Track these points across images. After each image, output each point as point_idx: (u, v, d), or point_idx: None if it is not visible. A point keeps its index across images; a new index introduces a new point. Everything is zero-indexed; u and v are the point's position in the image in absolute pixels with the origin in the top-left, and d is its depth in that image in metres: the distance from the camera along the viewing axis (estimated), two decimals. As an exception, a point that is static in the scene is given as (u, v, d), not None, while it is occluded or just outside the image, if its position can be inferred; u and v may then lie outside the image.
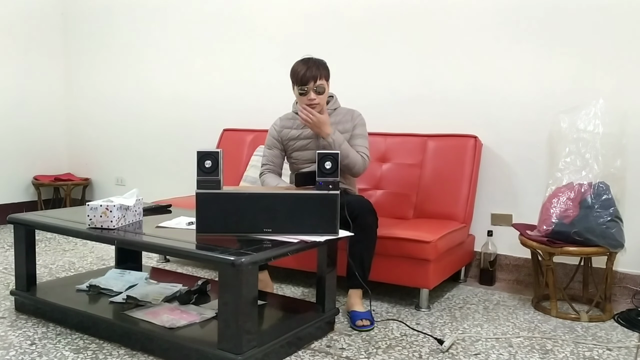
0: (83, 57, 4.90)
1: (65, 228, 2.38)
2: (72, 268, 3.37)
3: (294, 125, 2.73)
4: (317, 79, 2.55)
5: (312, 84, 2.56)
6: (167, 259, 3.61)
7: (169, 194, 4.04)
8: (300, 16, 3.80)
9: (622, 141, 2.71)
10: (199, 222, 2.16)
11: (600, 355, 2.23)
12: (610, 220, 2.57)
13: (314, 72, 2.55)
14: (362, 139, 2.70)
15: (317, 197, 2.16)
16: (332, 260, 2.36)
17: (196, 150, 2.14)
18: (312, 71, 2.55)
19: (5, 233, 4.26)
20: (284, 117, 2.78)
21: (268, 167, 2.76)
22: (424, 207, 3.16)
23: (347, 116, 2.72)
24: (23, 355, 2.09)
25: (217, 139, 4.03)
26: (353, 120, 2.71)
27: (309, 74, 2.54)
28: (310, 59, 2.61)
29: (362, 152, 2.66)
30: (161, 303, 2.39)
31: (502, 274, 3.24)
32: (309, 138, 2.68)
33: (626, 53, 2.87)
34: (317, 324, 2.30)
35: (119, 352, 2.14)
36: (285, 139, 2.73)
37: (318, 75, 2.56)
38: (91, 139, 4.95)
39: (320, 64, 2.60)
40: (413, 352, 2.21)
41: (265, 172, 2.75)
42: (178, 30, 4.34)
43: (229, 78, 4.14)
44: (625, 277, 2.93)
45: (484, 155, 3.22)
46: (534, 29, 3.07)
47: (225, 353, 1.91)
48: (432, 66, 3.36)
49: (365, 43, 3.57)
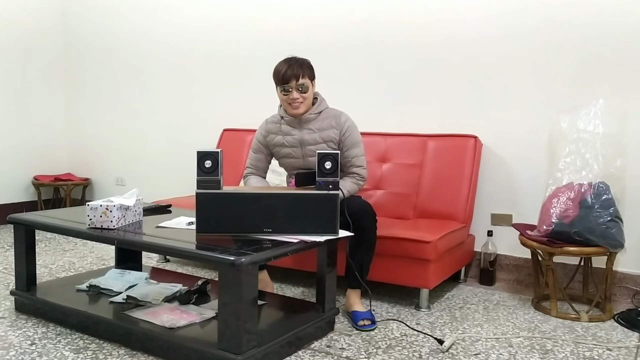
0: (83, 57, 4.90)
1: (65, 228, 2.38)
2: (72, 268, 3.37)
3: (279, 130, 2.67)
4: (300, 77, 2.52)
5: (294, 83, 2.52)
6: (167, 259, 3.61)
7: (169, 194, 4.04)
8: (300, 17, 3.80)
9: (622, 141, 2.71)
10: (199, 222, 2.16)
11: (600, 355, 2.23)
12: (610, 220, 2.56)
13: (296, 70, 2.51)
14: (357, 148, 2.62)
15: (317, 197, 2.16)
16: (332, 260, 2.36)
17: (196, 150, 2.14)
18: (294, 69, 2.51)
19: (5, 233, 4.26)
20: (269, 120, 2.73)
21: (250, 171, 2.74)
22: (424, 207, 3.16)
23: (332, 122, 2.61)
24: (23, 355, 2.09)
25: (217, 139, 4.03)
26: (340, 126, 2.60)
27: (290, 73, 2.51)
28: (292, 58, 2.57)
29: (358, 164, 2.60)
30: (161, 303, 2.39)
31: (502, 274, 3.24)
32: (293, 146, 2.64)
33: (626, 53, 2.87)
34: (317, 324, 2.30)
35: (119, 352, 2.14)
36: (271, 144, 2.69)
37: (300, 73, 2.52)
38: (91, 139, 4.95)
39: (303, 63, 2.56)
40: (413, 352, 2.21)
41: (248, 175, 2.73)
42: (178, 30, 4.34)
43: (229, 78, 4.14)
44: (625, 277, 2.93)
45: (484, 155, 3.22)
46: (533, 28, 3.07)
47: (225, 353, 1.91)
48: (432, 66, 3.36)
49: (365, 42, 3.57)
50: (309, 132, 2.61)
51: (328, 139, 2.60)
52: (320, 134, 2.61)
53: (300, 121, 2.62)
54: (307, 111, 2.61)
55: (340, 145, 2.62)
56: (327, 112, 2.65)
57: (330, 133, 2.61)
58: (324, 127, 2.62)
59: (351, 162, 2.62)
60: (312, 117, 2.62)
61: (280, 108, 2.69)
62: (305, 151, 2.62)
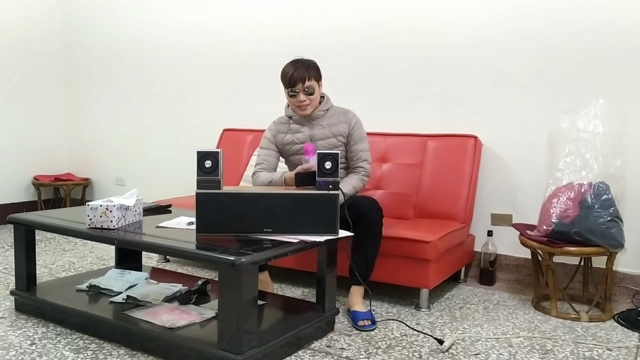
0: (83, 57, 4.90)
1: (65, 228, 2.38)
2: (72, 268, 3.37)
3: (288, 130, 2.72)
4: (306, 80, 2.55)
5: (301, 86, 2.55)
6: (167, 259, 3.61)
7: (169, 194, 4.04)
8: (300, 18, 3.80)
9: (622, 141, 2.71)
10: (199, 222, 2.16)
11: (600, 355, 2.23)
12: (610, 220, 2.56)
13: (302, 73, 2.54)
14: (363, 143, 2.69)
15: (317, 197, 2.16)
16: (332, 260, 2.36)
17: (196, 150, 2.14)
18: (301, 72, 2.54)
19: (5, 233, 4.26)
20: (277, 122, 2.77)
21: (262, 166, 2.73)
22: (424, 207, 3.16)
23: (340, 117, 2.69)
24: (23, 355, 2.09)
25: (217, 139, 4.03)
26: (348, 121, 2.68)
27: (297, 75, 2.54)
28: (299, 60, 2.60)
29: (363, 158, 2.66)
30: (161, 303, 2.39)
31: (502, 274, 3.24)
32: (303, 142, 2.68)
33: (626, 53, 2.87)
34: (317, 324, 2.30)
35: (119, 352, 2.14)
36: (280, 143, 2.73)
37: (307, 76, 2.55)
38: (91, 139, 4.95)
39: (309, 65, 2.59)
40: (413, 352, 2.21)
41: (258, 171, 2.72)
42: (178, 30, 4.34)
43: (229, 78, 4.14)
44: (625, 277, 2.93)
45: (484, 155, 3.22)
46: (534, 28, 3.07)
47: (225, 353, 1.91)
48: (432, 66, 3.36)
49: (365, 43, 3.57)
50: (319, 127, 2.67)
51: (338, 133, 2.66)
52: (330, 128, 2.66)
53: (309, 119, 2.68)
54: (314, 110, 2.66)
55: (348, 139, 2.68)
56: (333, 109, 2.73)
57: (339, 127, 2.67)
58: (333, 122, 2.68)
59: (358, 156, 2.67)
60: (320, 114, 2.68)
61: (287, 108, 2.74)
62: (316, 146, 2.65)
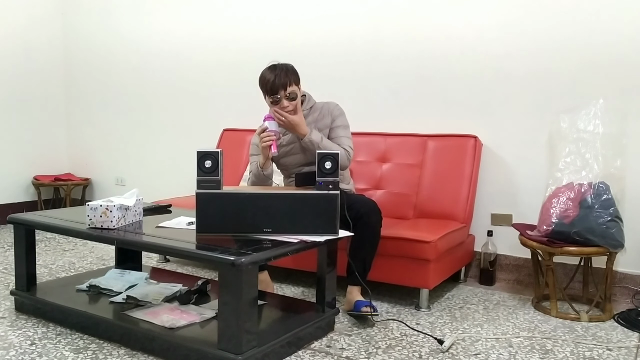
0: (83, 57, 4.90)
1: (65, 228, 2.38)
2: (72, 268, 3.37)
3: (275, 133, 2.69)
4: (287, 85, 2.52)
5: (283, 92, 2.52)
6: (167, 259, 3.61)
7: (169, 194, 4.04)
8: (300, 18, 3.80)
9: (622, 141, 2.72)
10: (199, 222, 2.16)
11: (600, 355, 2.23)
12: (610, 220, 2.56)
13: (283, 79, 2.51)
14: (344, 129, 2.68)
15: (317, 197, 2.16)
16: (332, 260, 2.36)
17: (196, 150, 2.14)
18: (281, 79, 2.51)
19: (5, 233, 4.26)
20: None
21: None
22: (424, 207, 3.16)
23: (324, 111, 2.68)
24: (23, 355, 2.09)
25: (217, 139, 4.03)
26: (331, 112, 2.68)
27: (278, 82, 2.51)
28: (276, 65, 2.56)
29: (345, 143, 2.64)
30: (161, 303, 2.39)
31: (502, 274, 3.24)
32: (291, 143, 2.67)
33: (626, 53, 2.87)
34: (317, 324, 2.30)
35: (119, 352, 2.14)
36: None
37: (287, 82, 2.52)
38: (91, 139, 4.95)
39: (288, 70, 2.55)
40: (413, 352, 2.21)
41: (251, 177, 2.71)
42: (178, 30, 4.34)
43: (229, 78, 4.14)
44: (625, 277, 2.93)
45: (484, 155, 3.22)
46: (533, 28, 3.07)
47: (225, 353, 1.91)
48: (433, 66, 3.36)
49: (365, 43, 3.57)
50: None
51: (324, 126, 2.66)
52: (317, 124, 2.66)
53: None
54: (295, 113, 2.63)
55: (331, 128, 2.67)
56: (316, 106, 2.72)
57: (325, 121, 2.67)
58: (317, 118, 2.68)
59: (340, 141, 2.63)
60: (305, 114, 2.66)
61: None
62: (301, 144, 2.62)
